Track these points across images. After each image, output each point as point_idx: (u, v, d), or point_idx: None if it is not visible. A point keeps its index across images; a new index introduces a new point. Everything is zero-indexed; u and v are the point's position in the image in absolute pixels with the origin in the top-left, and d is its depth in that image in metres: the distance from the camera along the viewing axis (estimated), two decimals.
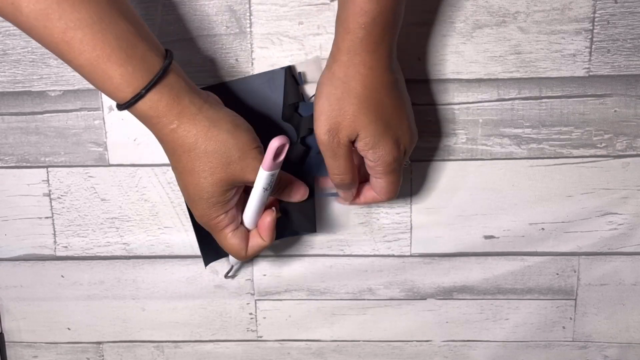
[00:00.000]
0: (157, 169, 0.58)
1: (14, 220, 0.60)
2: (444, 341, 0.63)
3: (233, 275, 0.61)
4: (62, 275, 0.62)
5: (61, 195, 0.59)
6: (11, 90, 0.57)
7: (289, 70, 0.54)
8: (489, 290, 0.61)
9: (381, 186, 0.50)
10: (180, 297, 0.62)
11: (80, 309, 0.63)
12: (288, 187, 0.52)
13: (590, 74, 0.55)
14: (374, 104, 0.46)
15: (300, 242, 0.60)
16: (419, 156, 0.57)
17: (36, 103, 0.57)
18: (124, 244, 0.60)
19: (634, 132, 0.56)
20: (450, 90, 0.55)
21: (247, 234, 0.51)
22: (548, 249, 0.59)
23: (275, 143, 0.45)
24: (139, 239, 0.60)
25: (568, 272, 0.60)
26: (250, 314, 0.62)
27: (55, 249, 0.61)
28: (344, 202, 0.54)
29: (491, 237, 0.59)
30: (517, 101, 0.55)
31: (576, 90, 0.55)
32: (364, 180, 0.53)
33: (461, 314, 0.62)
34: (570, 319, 0.62)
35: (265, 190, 0.48)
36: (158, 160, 0.58)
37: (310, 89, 0.55)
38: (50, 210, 0.60)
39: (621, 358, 0.63)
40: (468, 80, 0.55)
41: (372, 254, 0.60)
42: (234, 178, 0.47)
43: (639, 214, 0.58)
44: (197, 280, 0.61)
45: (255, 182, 0.47)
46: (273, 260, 0.61)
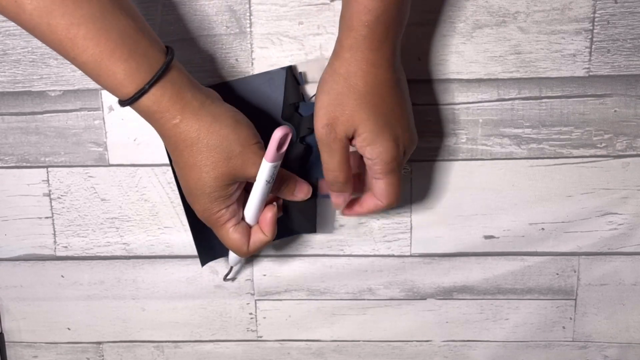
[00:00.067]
0: (157, 169, 0.58)
1: (14, 220, 0.60)
2: (444, 341, 0.63)
3: (232, 278, 0.61)
4: (62, 275, 0.62)
5: (61, 195, 0.59)
6: (11, 90, 0.57)
7: (290, 70, 0.54)
8: (489, 290, 0.61)
9: (381, 188, 0.49)
10: (180, 297, 0.62)
11: (80, 309, 0.63)
12: (291, 185, 0.52)
13: (590, 74, 0.55)
14: (373, 100, 0.46)
15: (300, 242, 0.60)
16: (419, 156, 0.57)
17: (36, 103, 0.57)
18: (124, 244, 0.60)
19: (634, 132, 0.56)
20: (451, 90, 0.55)
21: (249, 229, 0.51)
22: (548, 249, 0.59)
23: (279, 133, 0.46)
24: (139, 239, 0.60)
25: (568, 272, 0.60)
26: (250, 314, 0.62)
27: (55, 249, 0.61)
28: (338, 208, 0.53)
29: (491, 237, 0.59)
30: (517, 101, 0.55)
31: (576, 90, 0.55)
32: (360, 189, 0.53)
33: (461, 314, 0.62)
34: (570, 319, 0.62)
35: (268, 183, 0.48)
36: (158, 160, 0.58)
37: (311, 89, 0.55)
38: (50, 210, 0.60)
39: (621, 358, 0.63)
40: (468, 80, 0.55)
41: (372, 254, 0.60)
42: (235, 172, 0.47)
43: (639, 214, 0.58)
44: (197, 280, 0.61)
45: (258, 175, 0.48)
46: (273, 260, 0.61)
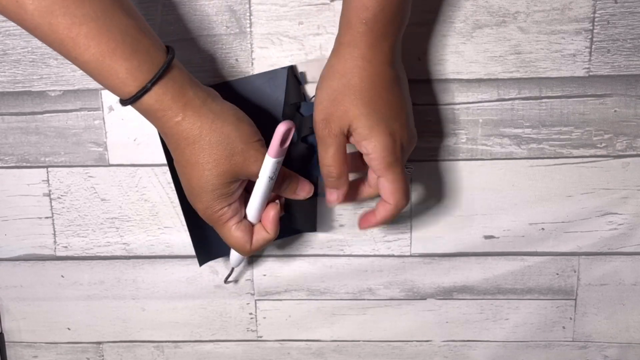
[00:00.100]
0: (157, 169, 0.58)
1: (14, 220, 0.60)
2: (444, 341, 0.63)
3: (234, 280, 0.61)
4: (62, 275, 0.62)
5: (61, 195, 0.59)
6: (11, 90, 0.57)
7: (291, 70, 0.54)
8: (489, 290, 0.61)
9: (384, 187, 0.49)
10: (180, 297, 0.62)
11: (80, 309, 0.63)
12: (293, 184, 0.52)
13: (590, 74, 0.55)
14: (368, 96, 0.47)
15: (300, 242, 0.60)
16: (419, 156, 0.57)
17: (36, 103, 0.57)
18: (124, 244, 0.60)
19: (634, 132, 0.56)
20: (451, 90, 0.55)
21: (251, 227, 0.51)
22: (548, 249, 0.59)
23: (282, 127, 0.46)
24: (139, 239, 0.60)
25: (568, 272, 0.60)
26: (250, 314, 0.62)
27: (55, 249, 0.61)
28: (330, 204, 0.52)
29: (491, 237, 0.59)
30: (517, 101, 0.55)
31: (576, 90, 0.55)
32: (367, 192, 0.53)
33: (461, 314, 0.62)
34: (570, 319, 0.62)
35: (271, 179, 0.48)
36: (158, 160, 0.58)
37: (311, 89, 0.55)
38: (50, 210, 0.60)
39: (621, 358, 0.63)
40: (468, 80, 0.55)
41: (372, 254, 0.60)
42: (238, 170, 0.47)
43: (639, 214, 0.58)
44: (197, 280, 0.61)
45: (261, 171, 0.48)
46: (273, 260, 0.61)
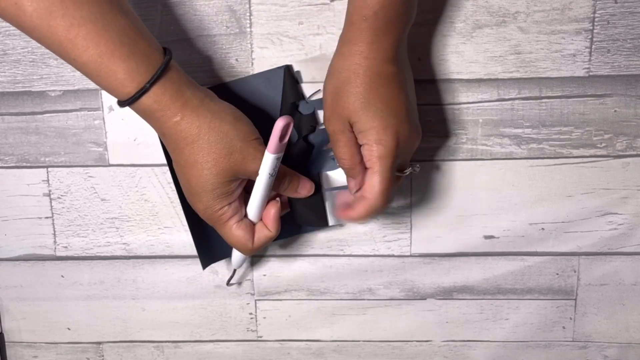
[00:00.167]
0: (157, 169, 0.58)
1: (14, 220, 0.60)
2: (444, 341, 0.63)
3: (236, 282, 0.61)
4: (62, 275, 0.62)
5: (61, 195, 0.59)
6: (11, 90, 0.57)
7: (288, 69, 0.54)
8: (489, 290, 0.61)
9: (368, 180, 0.49)
10: (180, 297, 0.62)
11: (80, 309, 0.63)
12: (294, 183, 0.52)
13: (590, 74, 0.55)
14: (365, 91, 0.47)
15: (300, 242, 0.60)
16: (419, 156, 0.57)
17: (36, 103, 0.57)
18: (124, 244, 0.60)
19: (634, 132, 0.56)
20: (450, 90, 0.55)
21: (252, 226, 0.51)
22: (548, 249, 0.59)
23: (281, 123, 0.46)
24: (139, 239, 0.60)
25: (568, 272, 0.60)
26: (250, 314, 0.62)
27: (55, 249, 0.61)
28: (352, 191, 0.52)
29: (491, 237, 0.59)
30: (517, 101, 0.55)
31: (576, 90, 0.55)
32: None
33: (461, 314, 0.62)
34: (570, 319, 0.62)
35: (271, 176, 0.48)
36: (158, 160, 0.58)
37: (309, 88, 0.55)
38: (50, 210, 0.60)
39: (621, 358, 0.63)
40: (468, 80, 0.55)
41: (372, 254, 0.60)
42: (237, 168, 0.47)
43: (639, 214, 0.58)
44: (197, 280, 0.61)
45: (261, 168, 0.48)
46: (273, 260, 0.61)
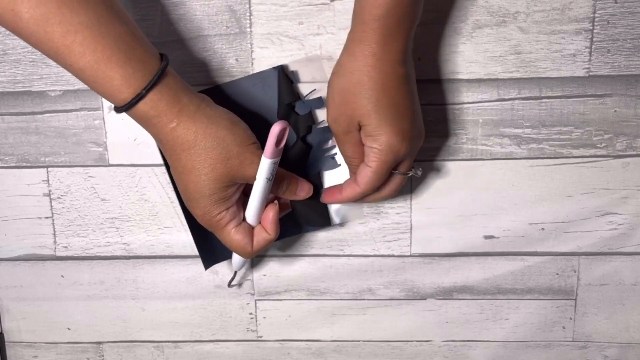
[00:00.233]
0: (157, 169, 0.58)
1: (14, 220, 0.60)
2: (444, 341, 0.63)
3: (237, 284, 0.61)
4: (62, 275, 0.62)
5: (61, 195, 0.59)
6: (11, 90, 0.57)
7: (282, 69, 0.54)
8: (489, 290, 0.61)
9: (365, 174, 0.49)
10: (180, 297, 0.62)
11: (80, 309, 0.63)
12: (292, 185, 0.52)
13: (590, 74, 0.55)
14: (377, 94, 0.47)
15: (300, 242, 0.60)
16: (419, 156, 0.56)
17: (36, 103, 0.57)
18: (124, 244, 0.60)
19: (634, 132, 0.56)
20: (451, 90, 0.55)
21: (251, 230, 0.51)
22: (548, 249, 0.59)
23: (277, 128, 0.46)
24: (139, 239, 0.60)
25: (568, 272, 0.60)
26: (250, 314, 0.62)
27: (55, 249, 0.61)
28: (330, 199, 0.54)
29: (491, 237, 0.59)
30: (517, 101, 0.55)
31: (576, 90, 0.55)
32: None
33: (461, 314, 0.62)
34: (570, 319, 0.62)
35: (268, 180, 0.48)
36: (158, 160, 0.58)
37: (304, 88, 0.55)
38: (50, 210, 0.60)
39: (621, 358, 0.63)
40: (468, 80, 0.55)
41: (372, 254, 0.60)
42: (234, 173, 0.47)
43: (639, 214, 0.58)
44: (197, 280, 0.61)
45: (258, 173, 0.48)
46: (273, 260, 0.61)
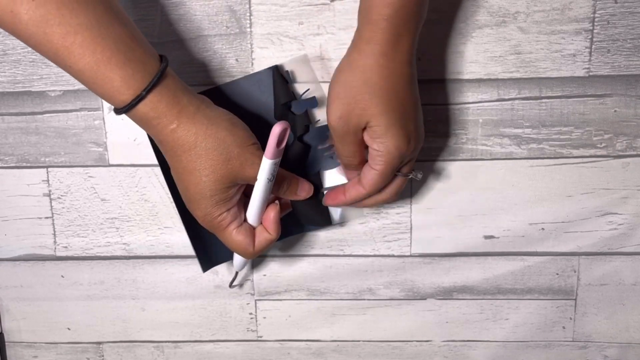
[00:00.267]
0: (157, 169, 0.58)
1: (14, 220, 0.60)
2: (444, 341, 0.63)
3: (238, 285, 0.61)
4: (62, 275, 0.62)
5: (61, 196, 0.59)
6: (11, 90, 0.57)
7: (277, 69, 0.54)
8: (489, 290, 0.61)
9: (371, 176, 0.49)
10: (180, 297, 0.62)
11: (80, 309, 0.63)
12: (293, 185, 0.52)
13: (590, 74, 0.55)
14: (387, 95, 0.46)
15: (300, 242, 0.60)
16: (419, 156, 0.56)
17: (36, 103, 0.57)
18: (124, 244, 0.60)
19: (634, 132, 0.56)
20: (450, 90, 0.55)
21: (252, 230, 0.51)
22: (548, 249, 0.59)
23: (278, 128, 0.46)
24: (139, 239, 0.60)
25: (568, 272, 0.60)
26: (250, 314, 0.62)
27: (55, 249, 0.61)
28: (333, 202, 0.53)
29: (491, 237, 0.59)
30: (517, 101, 0.55)
31: (576, 90, 0.55)
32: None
33: (461, 314, 0.62)
34: (570, 319, 0.62)
35: (269, 181, 0.48)
36: None
37: (300, 87, 0.55)
38: (50, 210, 0.60)
39: (621, 358, 0.63)
40: (468, 80, 0.55)
41: (372, 254, 0.60)
42: (235, 174, 0.47)
43: (639, 214, 0.58)
44: (197, 280, 0.61)
45: (259, 174, 0.48)
46: (273, 260, 0.61)
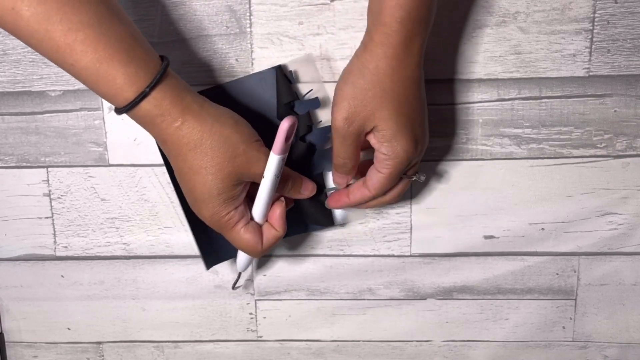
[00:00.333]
0: (157, 169, 0.58)
1: (14, 220, 0.60)
2: (444, 341, 0.63)
3: (241, 285, 0.61)
4: (62, 275, 0.62)
5: (61, 195, 0.59)
6: (11, 90, 0.57)
7: (280, 69, 0.54)
8: (489, 290, 0.61)
9: (377, 179, 0.49)
10: (180, 297, 0.62)
11: (80, 309, 0.63)
12: (297, 184, 0.52)
13: (590, 74, 0.55)
14: (398, 99, 0.46)
15: (300, 242, 0.60)
16: None
17: (36, 103, 0.57)
18: (124, 244, 0.60)
19: (634, 132, 0.56)
20: (451, 90, 0.55)
21: (259, 228, 0.50)
22: (548, 249, 0.59)
23: (286, 124, 0.46)
24: (139, 239, 0.60)
25: (568, 272, 0.60)
26: (250, 314, 0.62)
27: (55, 249, 0.61)
28: (339, 187, 0.53)
29: (491, 237, 0.59)
30: (517, 101, 0.55)
31: (576, 90, 0.55)
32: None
33: (461, 314, 0.62)
34: (570, 319, 0.62)
35: (276, 177, 0.48)
36: (158, 160, 0.57)
37: (303, 88, 0.55)
38: (50, 210, 0.60)
39: (621, 358, 0.63)
40: (468, 80, 0.55)
41: (372, 254, 0.60)
42: (241, 171, 0.47)
43: (639, 214, 0.58)
44: (197, 280, 0.61)
45: (266, 170, 0.48)
46: (273, 260, 0.61)
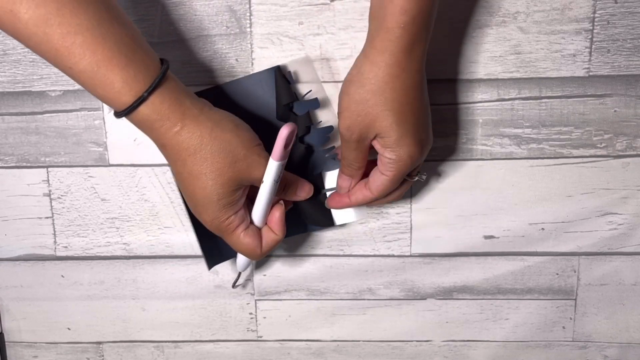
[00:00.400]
0: (157, 169, 0.58)
1: (14, 220, 0.60)
2: (444, 341, 0.63)
3: (241, 285, 0.61)
4: (62, 275, 0.62)
5: (61, 195, 0.59)
6: (11, 90, 0.57)
7: (279, 70, 0.54)
8: (489, 290, 0.61)
9: (380, 181, 0.49)
10: (180, 297, 0.62)
11: (80, 309, 0.63)
12: (293, 186, 0.52)
13: (590, 74, 0.55)
14: (400, 107, 0.46)
15: (300, 242, 0.60)
16: None
17: (36, 103, 0.57)
18: (124, 244, 0.60)
19: (634, 132, 0.56)
20: (451, 90, 0.55)
21: (259, 232, 0.50)
22: (548, 249, 0.59)
23: (285, 131, 0.45)
24: (139, 239, 0.60)
25: (568, 272, 0.60)
26: (250, 314, 0.62)
27: (55, 249, 0.61)
28: (342, 190, 0.53)
29: (491, 237, 0.59)
30: (517, 101, 0.55)
31: (576, 90, 0.55)
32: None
33: (461, 314, 0.62)
34: (570, 319, 0.62)
35: (276, 182, 0.48)
36: (158, 160, 0.58)
37: (302, 88, 0.55)
38: (50, 210, 0.60)
39: (621, 358, 0.63)
40: (468, 80, 0.55)
41: (372, 254, 0.60)
42: (241, 176, 0.47)
43: (639, 214, 0.58)
44: (197, 280, 0.61)
45: (265, 175, 0.47)
46: (273, 260, 0.61)
